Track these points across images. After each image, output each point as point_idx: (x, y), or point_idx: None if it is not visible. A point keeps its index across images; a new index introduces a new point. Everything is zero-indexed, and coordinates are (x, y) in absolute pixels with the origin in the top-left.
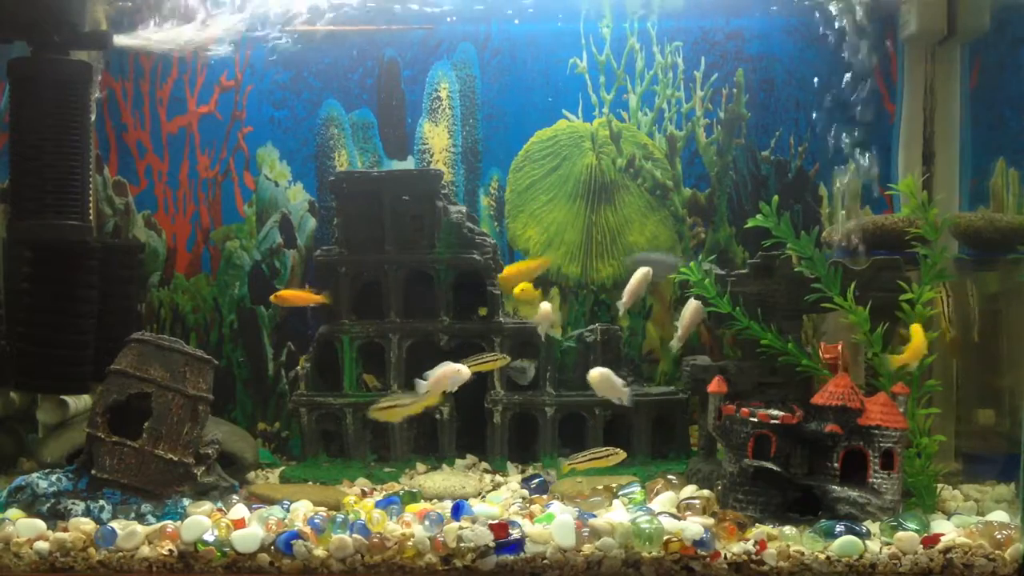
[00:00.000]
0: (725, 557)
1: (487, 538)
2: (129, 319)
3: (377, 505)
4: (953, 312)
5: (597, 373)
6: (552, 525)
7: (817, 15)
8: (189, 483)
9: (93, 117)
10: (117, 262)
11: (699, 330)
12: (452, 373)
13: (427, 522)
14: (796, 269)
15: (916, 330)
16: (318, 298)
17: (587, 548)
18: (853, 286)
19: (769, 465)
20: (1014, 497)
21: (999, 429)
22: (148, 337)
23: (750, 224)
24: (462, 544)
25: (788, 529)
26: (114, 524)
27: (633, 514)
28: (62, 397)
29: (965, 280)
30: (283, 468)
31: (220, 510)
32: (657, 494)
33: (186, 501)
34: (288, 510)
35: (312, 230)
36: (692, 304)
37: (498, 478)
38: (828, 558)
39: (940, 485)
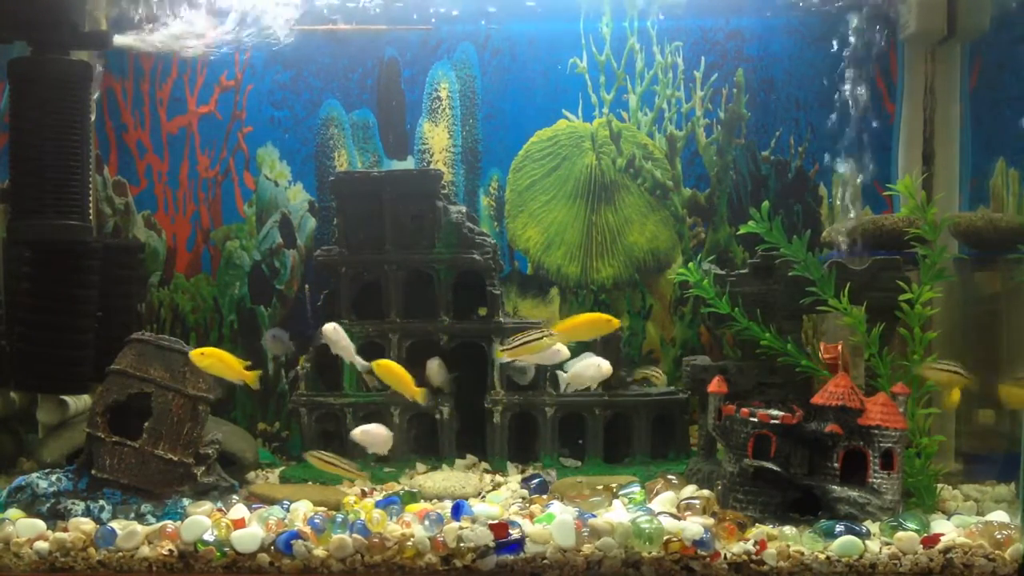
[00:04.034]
0: (725, 557)
1: (487, 538)
2: (129, 319)
3: (377, 505)
4: None
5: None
6: (552, 525)
7: (817, 15)
8: (189, 483)
9: (93, 117)
10: (117, 262)
11: (699, 330)
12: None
13: (427, 522)
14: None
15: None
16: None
17: (587, 548)
18: (849, 288)
19: (769, 465)
20: (1014, 497)
21: (999, 429)
22: (148, 337)
23: (742, 231)
24: (462, 544)
25: (788, 529)
26: (114, 524)
27: (633, 514)
28: (62, 397)
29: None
30: (283, 468)
31: (220, 510)
32: (657, 494)
33: (186, 501)
34: (288, 510)
35: (312, 230)
36: None
37: (498, 478)
38: (828, 558)
39: (940, 485)
